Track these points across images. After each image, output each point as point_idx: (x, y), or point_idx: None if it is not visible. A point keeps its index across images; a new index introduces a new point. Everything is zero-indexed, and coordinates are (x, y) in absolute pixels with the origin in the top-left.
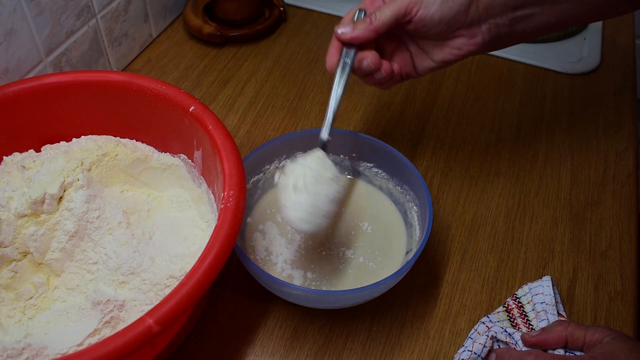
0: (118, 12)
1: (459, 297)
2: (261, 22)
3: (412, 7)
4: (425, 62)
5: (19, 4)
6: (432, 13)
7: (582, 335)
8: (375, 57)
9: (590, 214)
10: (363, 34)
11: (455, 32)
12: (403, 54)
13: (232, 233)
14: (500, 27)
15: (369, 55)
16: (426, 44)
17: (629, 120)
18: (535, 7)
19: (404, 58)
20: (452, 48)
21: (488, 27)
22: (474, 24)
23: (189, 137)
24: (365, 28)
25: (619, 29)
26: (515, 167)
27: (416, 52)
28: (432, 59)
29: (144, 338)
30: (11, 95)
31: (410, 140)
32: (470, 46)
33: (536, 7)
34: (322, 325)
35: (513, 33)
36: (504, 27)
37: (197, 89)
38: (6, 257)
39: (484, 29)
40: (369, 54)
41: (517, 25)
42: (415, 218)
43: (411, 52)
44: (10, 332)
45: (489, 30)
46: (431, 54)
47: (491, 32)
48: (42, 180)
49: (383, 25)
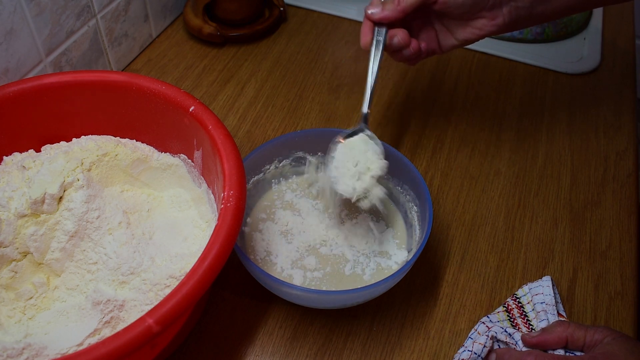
0: (118, 12)
1: (459, 297)
2: (261, 22)
3: None
4: (449, 39)
5: (19, 4)
6: None
7: (583, 335)
8: (404, 34)
9: (590, 214)
10: (391, 14)
11: (478, 13)
12: (429, 32)
13: (232, 233)
14: (520, 10)
15: (399, 32)
16: (450, 23)
17: (629, 120)
18: None
19: (429, 35)
20: (473, 28)
21: (509, 10)
22: (496, 7)
23: (189, 137)
24: (393, 9)
25: (619, 29)
26: (515, 167)
27: (441, 30)
28: (455, 37)
29: (144, 338)
30: (11, 95)
31: (410, 140)
32: (491, 27)
33: None
34: (322, 325)
35: (533, 15)
36: (525, 10)
37: (197, 89)
38: (6, 257)
39: (505, 11)
40: (399, 32)
41: (537, 6)
42: (415, 218)
43: (436, 30)
44: (10, 332)
45: (510, 13)
46: (454, 32)
47: (511, 14)
48: (42, 180)
49: (410, 6)
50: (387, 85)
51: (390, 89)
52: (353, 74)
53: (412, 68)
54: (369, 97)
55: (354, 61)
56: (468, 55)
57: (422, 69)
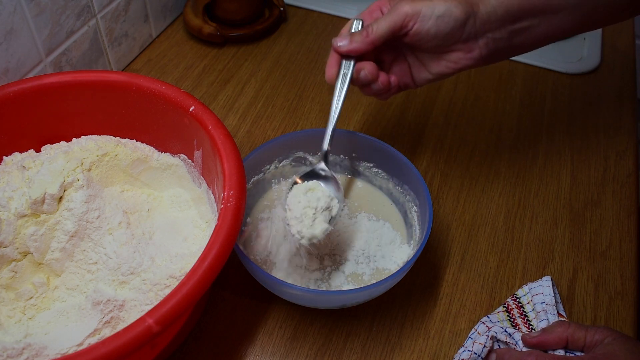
0: (118, 12)
1: (459, 297)
2: (261, 22)
3: (408, 21)
4: (423, 73)
5: (19, 4)
6: (428, 28)
7: (583, 335)
8: (372, 67)
9: (590, 214)
10: (360, 47)
11: (452, 46)
12: (401, 65)
13: (232, 233)
14: (498, 41)
15: (366, 66)
16: (424, 56)
17: (629, 120)
18: (534, 19)
19: (402, 69)
20: (448, 62)
21: (485, 42)
22: (471, 39)
23: (189, 137)
24: (362, 40)
25: (619, 30)
26: (515, 167)
27: (414, 64)
28: (429, 70)
29: (144, 338)
30: (11, 95)
31: (410, 140)
32: (467, 60)
33: (534, 19)
34: (322, 325)
35: (511, 46)
36: (502, 41)
37: (197, 89)
38: (6, 257)
39: (482, 43)
40: (366, 65)
41: (515, 38)
42: (415, 218)
43: (409, 63)
44: (10, 332)
45: (487, 45)
46: (428, 66)
47: (489, 46)
48: (42, 180)
49: (379, 38)
50: None
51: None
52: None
53: None
54: (330, 134)
55: None
56: None
57: None
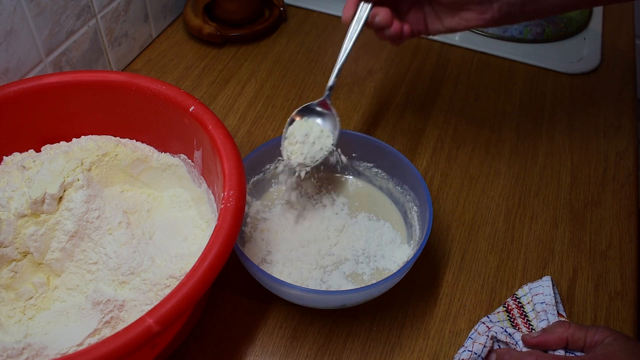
0: (118, 12)
1: (459, 297)
2: (261, 22)
3: None
4: (436, 24)
5: (19, 4)
6: None
7: (583, 336)
8: (387, 14)
9: (590, 214)
10: None
11: (467, 5)
12: (417, 13)
13: (232, 233)
14: (512, 6)
15: (381, 12)
16: (440, 8)
17: (629, 120)
18: None
19: (417, 17)
20: (460, 19)
21: (499, 6)
22: (486, 2)
23: (189, 137)
24: None
25: (619, 29)
26: (515, 167)
27: (429, 14)
28: (443, 23)
29: (144, 338)
30: (11, 95)
31: (410, 140)
32: (478, 21)
33: None
34: (322, 325)
35: (524, 12)
36: (516, 7)
37: (197, 89)
38: (6, 257)
39: (496, 7)
40: (381, 11)
41: (529, 5)
42: (415, 218)
43: (425, 12)
44: (10, 332)
45: (500, 9)
46: (442, 19)
47: (502, 10)
48: (42, 180)
49: None
50: (387, 86)
51: (390, 89)
52: (353, 74)
53: (412, 68)
54: (337, 70)
55: (354, 61)
56: (468, 55)
57: (422, 69)
